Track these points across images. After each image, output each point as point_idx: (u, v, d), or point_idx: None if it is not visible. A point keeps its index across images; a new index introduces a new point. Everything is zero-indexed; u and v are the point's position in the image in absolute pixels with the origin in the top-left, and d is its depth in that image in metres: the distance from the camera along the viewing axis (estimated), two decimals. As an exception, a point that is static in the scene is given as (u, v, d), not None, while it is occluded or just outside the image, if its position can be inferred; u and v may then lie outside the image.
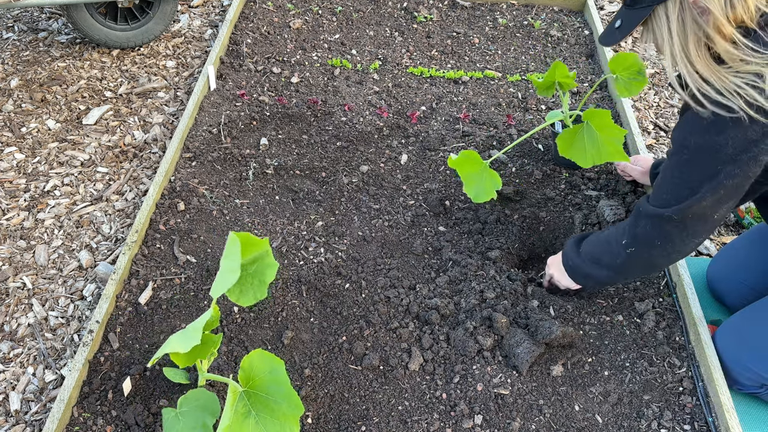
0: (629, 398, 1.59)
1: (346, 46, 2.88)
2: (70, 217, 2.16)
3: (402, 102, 2.56)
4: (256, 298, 1.38)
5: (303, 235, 2.01)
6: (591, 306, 1.80)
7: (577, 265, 1.64)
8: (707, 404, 1.56)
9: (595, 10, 3.04)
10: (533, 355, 1.61)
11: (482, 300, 1.76)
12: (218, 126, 2.38)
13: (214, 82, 2.57)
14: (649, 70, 2.87)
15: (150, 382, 1.61)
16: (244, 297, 1.39)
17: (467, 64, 2.80)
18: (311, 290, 1.84)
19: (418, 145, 2.36)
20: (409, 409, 1.57)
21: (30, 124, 2.50)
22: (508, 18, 3.09)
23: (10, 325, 1.85)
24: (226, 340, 1.70)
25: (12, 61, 2.80)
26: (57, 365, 1.76)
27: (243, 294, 1.39)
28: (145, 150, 2.42)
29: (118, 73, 2.78)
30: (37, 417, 1.64)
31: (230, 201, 2.11)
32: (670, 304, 1.79)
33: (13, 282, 1.96)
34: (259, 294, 1.38)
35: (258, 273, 1.40)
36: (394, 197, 2.15)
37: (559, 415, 1.56)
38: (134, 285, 1.83)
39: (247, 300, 1.38)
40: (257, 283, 1.39)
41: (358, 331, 1.72)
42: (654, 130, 2.56)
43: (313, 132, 2.39)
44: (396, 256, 1.95)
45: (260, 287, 1.39)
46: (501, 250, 1.94)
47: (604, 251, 1.57)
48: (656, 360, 1.66)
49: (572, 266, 1.67)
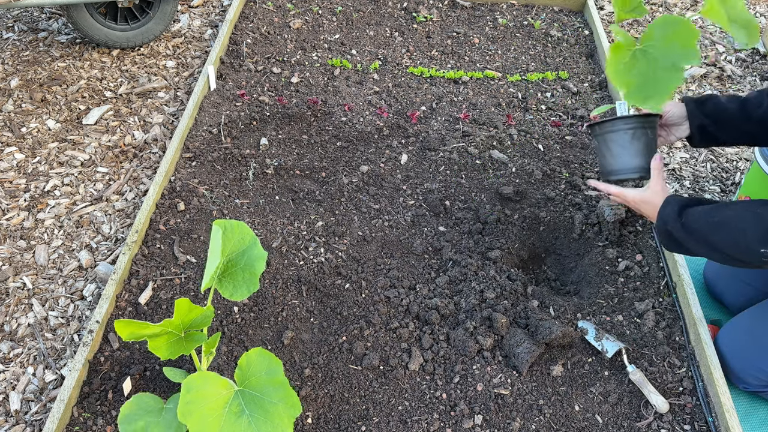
0: (629, 398, 1.59)
1: (346, 46, 2.88)
2: (70, 217, 2.16)
3: (402, 102, 2.56)
4: (249, 291, 1.41)
5: (303, 235, 2.01)
6: (591, 306, 1.80)
7: (679, 238, 1.42)
8: (707, 404, 1.56)
9: (595, 10, 3.05)
10: (533, 355, 1.61)
11: (482, 300, 1.76)
12: (218, 126, 2.38)
13: (214, 82, 2.57)
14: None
15: (150, 382, 1.61)
16: (238, 291, 1.41)
17: (467, 64, 2.80)
18: (311, 290, 1.84)
19: (418, 145, 2.36)
20: (409, 409, 1.57)
21: (30, 124, 2.50)
22: (508, 18, 3.09)
23: (10, 325, 1.85)
24: (226, 340, 1.70)
25: (12, 61, 2.80)
26: (57, 365, 1.76)
27: (236, 289, 1.42)
28: (145, 150, 2.42)
29: (118, 73, 2.78)
30: (37, 417, 1.64)
31: (230, 201, 2.11)
32: (670, 304, 1.79)
33: (13, 282, 1.96)
34: (252, 286, 1.42)
35: (248, 266, 1.44)
36: (394, 197, 2.15)
37: (559, 415, 1.56)
38: (134, 285, 1.83)
39: (241, 294, 1.41)
40: (248, 276, 1.43)
41: (358, 331, 1.72)
42: (654, 130, 2.56)
43: (313, 132, 2.39)
44: (396, 256, 1.95)
45: (252, 279, 1.42)
46: (501, 250, 1.94)
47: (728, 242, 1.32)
48: (656, 360, 1.66)
49: (668, 234, 1.45)
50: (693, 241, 1.40)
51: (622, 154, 1.60)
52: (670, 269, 1.86)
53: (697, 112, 1.62)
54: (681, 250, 1.48)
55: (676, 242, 1.45)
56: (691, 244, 1.41)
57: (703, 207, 1.42)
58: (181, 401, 1.22)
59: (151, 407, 1.35)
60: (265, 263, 1.44)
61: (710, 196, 2.30)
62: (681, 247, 1.46)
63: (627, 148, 1.59)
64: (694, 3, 3.34)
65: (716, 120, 1.61)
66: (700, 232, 1.38)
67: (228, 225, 1.47)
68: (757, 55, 2.97)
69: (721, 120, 1.60)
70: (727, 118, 1.59)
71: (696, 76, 2.82)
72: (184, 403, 1.22)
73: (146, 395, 1.37)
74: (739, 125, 1.59)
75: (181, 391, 1.23)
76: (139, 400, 1.35)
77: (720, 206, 1.39)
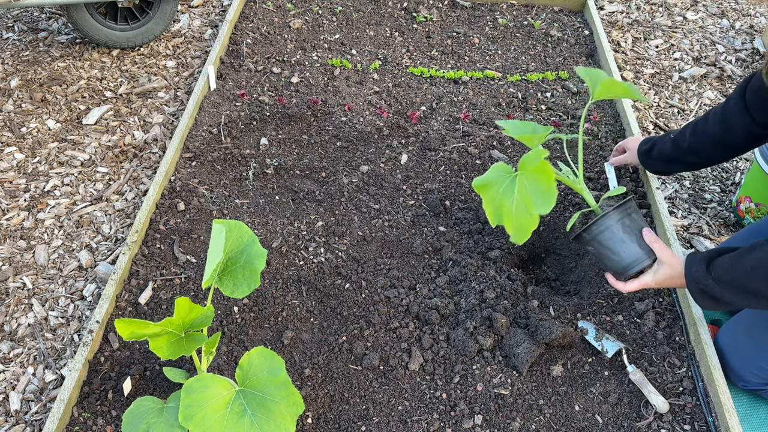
0: (629, 398, 1.59)
1: (346, 46, 2.88)
2: (70, 217, 2.16)
3: (402, 102, 2.56)
4: (250, 288, 1.42)
5: (303, 235, 2.01)
6: (591, 306, 1.80)
7: (716, 294, 1.41)
8: (707, 404, 1.56)
9: (595, 10, 3.05)
10: (533, 355, 1.61)
11: (482, 300, 1.76)
12: (218, 126, 2.38)
13: (214, 82, 2.57)
14: (648, 69, 2.87)
15: (150, 382, 1.61)
16: (239, 289, 1.43)
17: (467, 64, 2.80)
18: (311, 290, 1.84)
19: (418, 145, 2.36)
20: (409, 409, 1.57)
21: (30, 124, 2.50)
22: (508, 18, 3.09)
23: (10, 325, 1.85)
24: (226, 340, 1.70)
25: (12, 61, 2.80)
26: (57, 365, 1.76)
27: (237, 286, 1.43)
28: (145, 150, 2.42)
29: (118, 73, 2.78)
30: (37, 417, 1.64)
31: (230, 201, 2.11)
32: (670, 304, 1.79)
33: (13, 282, 1.96)
34: (253, 283, 1.43)
35: (248, 263, 1.45)
36: (394, 197, 2.15)
37: (559, 415, 1.56)
38: (134, 285, 1.83)
39: (242, 291, 1.42)
40: (249, 273, 1.44)
41: (358, 331, 1.72)
42: (654, 130, 2.56)
43: (313, 132, 2.39)
44: (396, 256, 1.95)
45: (253, 277, 1.43)
46: (501, 250, 1.94)
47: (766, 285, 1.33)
48: (656, 360, 1.66)
49: (703, 292, 1.44)
50: (730, 294, 1.39)
51: (624, 247, 1.55)
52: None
53: (648, 162, 1.97)
54: (720, 305, 1.45)
55: (714, 299, 1.43)
56: (729, 297, 1.39)
57: (729, 256, 1.40)
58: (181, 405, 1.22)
59: (151, 409, 1.35)
60: (265, 260, 1.44)
61: (710, 197, 2.30)
62: (719, 302, 1.43)
63: (626, 239, 1.55)
64: (694, 3, 3.35)
65: (665, 161, 1.92)
66: (736, 282, 1.37)
67: (226, 224, 1.47)
68: (757, 54, 2.97)
69: (668, 160, 1.91)
70: (671, 158, 1.89)
71: (696, 76, 2.82)
72: (184, 406, 1.22)
73: (145, 398, 1.37)
74: (683, 159, 1.86)
75: (182, 395, 1.23)
76: (138, 404, 1.35)
77: (745, 251, 1.38)
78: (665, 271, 1.52)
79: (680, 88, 2.79)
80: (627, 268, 1.57)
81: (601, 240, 1.57)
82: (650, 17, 3.24)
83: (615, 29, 3.12)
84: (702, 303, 1.48)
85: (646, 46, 3.04)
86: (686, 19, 3.23)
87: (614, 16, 3.23)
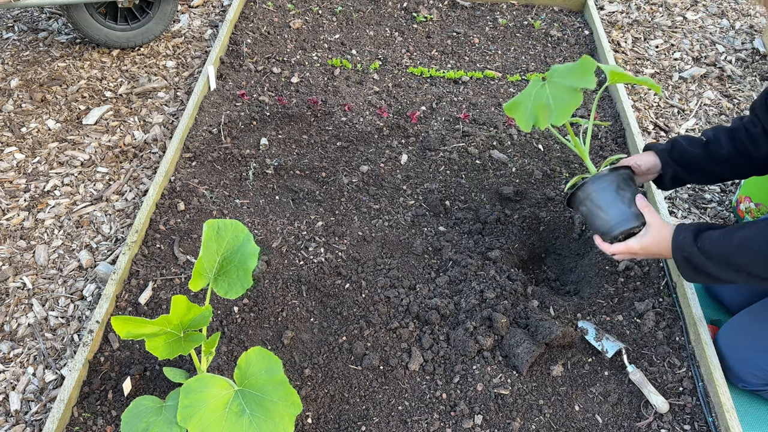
0: (629, 398, 1.59)
1: (346, 46, 2.88)
2: (70, 217, 2.16)
3: (402, 102, 2.56)
4: (243, 287, 1.43)
5: (303, 235, 2.01)
6: (591, 306, 1.80)
7: (699, 263, 1.41)
8: (707, 404, 1.56)
9: (595, 10, 3.05)
10: (533, 355, 1.61)
11: (482, 300, 1.76)
12: (218, 126, 2.38)
13: (214, 82, 2.57)
14: (648, 69, 2.87)
15: (150, 382, 1.61)
16: (233, 289, 1.43)
17: (467, 64, 2.80)
18: (311, 290, 1.84)
19: (418, 145, 2.36)
20: (409, 409, 1.57)
21: (30, 124, 2.50)
22: (508, 18, 3.09)
23: (10, 325, 1.85)
24: (226, 340, 1.70)
25: (12, 61, 2.80)
26: (57, 365, 1.76)
27: (231, 287, 1.44)
28: (145, 150, 2.42)
29: (118, 73, 2.78)
30: (37, 417, 1.64)
31: (230, 201, 2.11)
32: (670, 304, 1.79)
33: (13, 282, 1.96)
34: (246, 283, 1.43)
35: (241, 263, 1.45)
36: (394, 197, 2.15)
37: (559, 415, 1.56)
38: (134, 285, 1.83)
39: (236, 291, 1.43)
40: (242, 273, 1.44)
41: (358, 331, 1.72)
42: (654, 130, 2.56)
43: (313, 132, 2.39)
44: (396, 256, 1.95)
45: (245, 276, 1.44)
46: (501, 250, 1.94)
47: (754, 261, 1.34)
48: (656, 360, 1.66)
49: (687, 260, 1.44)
50: (715, 266, 1.39)
51: (614, 206, 1.55)
52: (670, 269, 1.86)
53: (670, 161, 1.68)
54: (701, 277, 1.45)
55: (696, 268, 1.43)
56: (713, 268, 1.39)
57: (719, 231, 1.41)
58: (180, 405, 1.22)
59: (150, 408, 1.35)
60: (257, 259, 1.45)
61: (710, 197, 2.30)
62: (701, 273, 1.43)
63: (617, 200, 1.55)
64: (694, 3, 3.35)
65: (686, 166, 1.67)
66: (721, 255, 1.38)
67: (221, 224, 1.48)
68: (757, 55, 2.97)
69: (690, 165, 1.67)
70: (695, 163, 1.66)
71: (696, 76, 2.82)
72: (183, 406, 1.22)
73: (144, 398, 1.37)
74: (706, 167, 1.66)
75: (180, 395, 1.23)
76: (138, 404, 1.35)
77: (733, 229, 1.39)
78: (652, 235, 1.51)
79: (680, 88, 2.79)
80: (614, 228, 1.56)
81: (594, 198, 1.58)
82: (650, 17, 3.24)
83: (615, 29, 3.12)
84: (684, 272, 1.48)
85: (646, 46, 3.04)
86: (686, 19, 3.23)
87: (614, 16, 3.23)
